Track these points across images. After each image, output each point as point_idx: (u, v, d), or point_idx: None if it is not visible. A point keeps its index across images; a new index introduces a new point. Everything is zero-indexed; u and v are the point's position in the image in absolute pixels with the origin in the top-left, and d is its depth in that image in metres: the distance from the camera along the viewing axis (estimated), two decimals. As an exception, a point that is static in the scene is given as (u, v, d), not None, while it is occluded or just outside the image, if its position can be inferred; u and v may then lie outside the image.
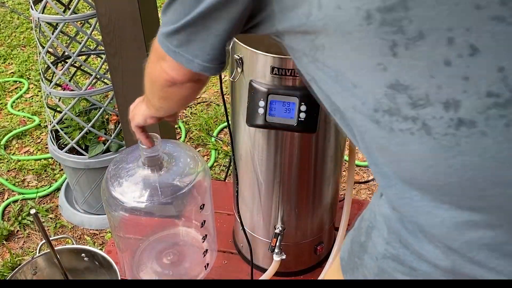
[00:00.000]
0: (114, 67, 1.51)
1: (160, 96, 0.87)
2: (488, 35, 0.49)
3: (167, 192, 1.24)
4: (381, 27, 0.52)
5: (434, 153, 0.54)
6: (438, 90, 0.52)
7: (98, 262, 1.33)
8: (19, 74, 3.15)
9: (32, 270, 1.30)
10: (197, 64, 0.70)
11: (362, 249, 0.74)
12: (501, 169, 0.52)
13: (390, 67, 0.53)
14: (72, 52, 1.75)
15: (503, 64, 0.49)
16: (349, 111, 0.62)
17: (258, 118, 1.13)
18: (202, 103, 2.87)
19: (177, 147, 1.37)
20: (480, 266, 0.58)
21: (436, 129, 0.53)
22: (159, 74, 0.79)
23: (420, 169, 0.57)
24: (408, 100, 0.53)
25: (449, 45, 0.50)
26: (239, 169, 1.37)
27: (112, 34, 1.43)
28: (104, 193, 1.27)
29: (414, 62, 0.52)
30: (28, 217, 2.10)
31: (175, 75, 0.75)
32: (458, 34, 0.49)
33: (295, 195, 1.35)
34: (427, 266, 0.63)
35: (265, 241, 1.45)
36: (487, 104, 0.50)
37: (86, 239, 2.02)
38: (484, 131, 0.51)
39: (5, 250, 1.97)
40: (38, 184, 2.30)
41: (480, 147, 0.51)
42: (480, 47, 0.49)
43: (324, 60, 0.60)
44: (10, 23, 3.82)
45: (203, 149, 2.52)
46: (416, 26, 0.51)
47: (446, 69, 0.51)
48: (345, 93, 0.60)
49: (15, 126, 2.67)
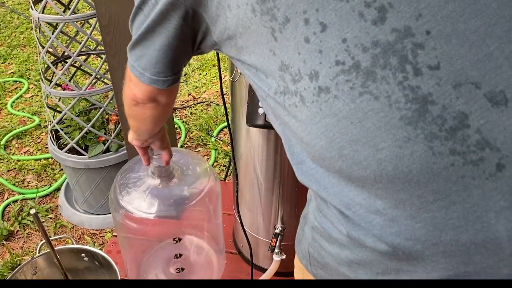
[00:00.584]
0: (114, 67, 1.51)
1: (129, 115, 0.95)
2: (332, 13, 0.56)
3: (177, 202, 1.23)
4: (262, 17, 0.60)
5: (309, 119, 0.61)
6: (304, 64, 0.59)
7: (98, 262, 1.33)
8: (19, 74, 3.15)
9: (32, 270, 1.30)
10: (147, 77, 0.77)
11: (304, 220, 0.81)
12: (351, 127, 0.58)
13: (276, 50, 0.61)
14: (72, 52, 1.75)
15: (346, 35, 0.56)
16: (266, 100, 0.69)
17: (258, 118, 1.13)
18: (202, 103, 2.87)
19: (185, 155, 1.35)
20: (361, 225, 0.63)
21: (307, 98, 0.60)
22: (127, 93, 0.86)
23: (306, 137, 0.63)
24: (290, 77, 0.61)
25: (306, 25, 0.58)
26: (239, 169, 1.37)
27: (112, 34, 1.43)
28: (112, 202, 1.25)
29: (287, 43, 0.60)
30: (28, 217, 2.10)
31: (137, 93, 0.81)
32: (311, 15, 0.57)
33: (295, 195, 1.35)
34: (336, 232, 0.67)
35: (265, 241, 1.45)
36: (336, 71, 0.57)
37: (86, 239, 2.02)
38: (336, 95, 0.58)
39: (5, 250, 1.97)
40: (38, 184, 2.30)
41: (335, 108, 0.58)
42: (328, 23, 0.56)
43: (245, 59, 0.67)
44: (10, 23, 3.82)
45: (203, 149, 2.52)
46: (282, 13, 0.59)
47: (307, 45, 0.58)
48: (261, 83, 0.67)
49: (15, 126, 2.67)
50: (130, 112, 0.94)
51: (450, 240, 0.58)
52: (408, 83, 0.55)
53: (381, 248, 0.62)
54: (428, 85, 0.54)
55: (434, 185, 0.57)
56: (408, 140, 0.56)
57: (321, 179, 0.66)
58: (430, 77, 0.54)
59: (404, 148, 0.56)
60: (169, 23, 0.70)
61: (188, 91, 2.97)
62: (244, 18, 0.63)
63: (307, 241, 0.77)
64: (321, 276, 0.77)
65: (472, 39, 0.53)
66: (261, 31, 0.62)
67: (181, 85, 3.03)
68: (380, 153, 0.57)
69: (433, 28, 0.54)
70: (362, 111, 0.57)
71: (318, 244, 0.73)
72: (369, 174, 0.59)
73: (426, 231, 0.59)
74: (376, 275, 0.66)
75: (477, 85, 0.53)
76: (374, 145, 0.57)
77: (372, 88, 0.56)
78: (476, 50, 0.53)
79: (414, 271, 0.63)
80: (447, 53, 0.54)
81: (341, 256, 0.69)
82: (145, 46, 0.74)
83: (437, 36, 0.54)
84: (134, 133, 1.05)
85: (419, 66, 0.54)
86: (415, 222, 0.59)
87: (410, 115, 0.55)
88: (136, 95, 0.82)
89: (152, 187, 1.23)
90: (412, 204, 0.58)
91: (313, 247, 0.75)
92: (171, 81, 0.78)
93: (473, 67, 0.53)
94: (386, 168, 0.58)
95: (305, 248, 0.79)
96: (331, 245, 0.70)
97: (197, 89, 3.00)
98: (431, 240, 0.59)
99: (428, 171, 0.56)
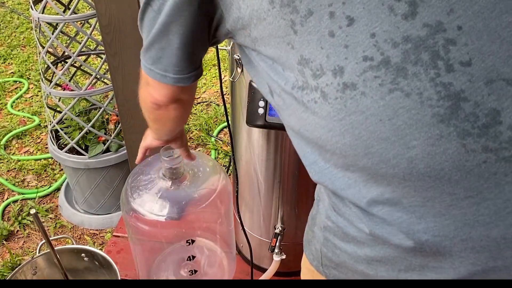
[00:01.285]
0: (114, 67, 1.51)
1: (151, 119, 0.93)
2: (360, 6, 0.54)
3: (188, 204, 1.22)
4: (281, 9, 0.58)
5: (331, 116, 0.60)
6: (327, 59, 0.57)
7: (98, 262, 1.33)
8: (19, 74, 3.15)
9: (32, 270, 1.30)
10: (170, 78, 0.74)
11: (313, 221, 0.79)
12: (380, 124, 0.57)
13: (295, 44, 0.59)
14: (72, 52, 1.75)
15: (375, 30, 0.54)
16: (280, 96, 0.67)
17: (258, 118, 1.13)
18: (202, 103, 2.87)
19: (196, 157, 1.35)
20: (386, 223, 0.62)
21: (330, 94, 0.59)
22: (146, 98, 0.83)
23: (326, 134, 0.62)
24: (310, 72, 0.59)
25: (331, 18, 0.56)
26: (239, 169, 1.37)
27: (112, 34, 1.43)
28: (124, 205, 1.25)
29: (309, 37, 0.58)
30: (28, 217, 2.10)
31: (158, 96, 0.79)
32: (337, 8, 0.55)
33: (295, 195, 1.35)
34: (355, 230, 0.67)
35: (265, 241, 1.45)
36: (363, 67, 0.56)
37: (86, 239, 2.02)
38: (363, 91, 0.56)
39: (5, 250, 1.97)
40: (38, 184, 2.30)
41: (362, 105, 0.57)
42: (355, 17, 0.55)
43: (261, 50, 0.65)
44: (10, 23, 3.82)
45: (203, 149, 2.52)
46: (305, 5, 0.57)
47: (331, 39, 0.56)
48: (277, 77, 0.65)
49: (15, 126, 2.67)
50: (152, 117, 0.91)
51: (479, 235, 0.58)
52: (440, 80, 0.54)
53: (407, 245, 0.62)
54: (460, 82, 0.53)
55: (465, 183, 0.56)
56: (440, 138, 0.55)
57: (336, 179, 0.65)
58: (462, 74, 0.53)
59: (436, 146, 0.55)
60: (184, 16, 0.67)
61: (188, 91, 2.97)
62: (259, 9, 0.61)
63: (318, 242, 0.76)
64: (334, 276, 0.76)
65: (503, 35, 0.52)
66: (278, 24, 0.60)
67: (181, 85, 3.03)
68: (411, 151, 0.56)
69: (464, 24, 0.53)
70: (392, 109, 0.56)
71: (332, 244, 0.73)
72: (397, 172, 0.58)
73: (455, 227, 0.59)
74: (399, 272, 0.66)
75: (508, 82, 0.53)
76: (404, 143, 0.57)
77: (403, 84, 0.55)
78: (507, 47, 0.53)
79: (440, 267, 0.63)
80: (479, 50, 0.53)
81: (359, 254, 0.68)
82: (162, 47, 0.70)
83: (468, 32, 0.53)
84: (156, 134, 1.03)
85: (451, 62, 0.53)
86: (444, 219, 0.59)
87: (442, 113, 0.54)
88: (157, 98, 0.79)
89: (164, 189, 1.22)
90: (442, 201, 0.58)
91: (327, 247, 0.74)
92: (195, 76, 0.76)
93: (504, 64, 0.53)
94: (417, 166, 0.57)
95: (316, 249, 0.78)
96: (347, 244, 0.69)
97: (197, 89, 3.00)
98: (460, 236, 0.59)
99: (460, 169, 0.56)
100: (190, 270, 1.41)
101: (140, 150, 1.14)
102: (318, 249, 0.77)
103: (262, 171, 1.31)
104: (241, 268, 1.55)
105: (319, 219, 0.75)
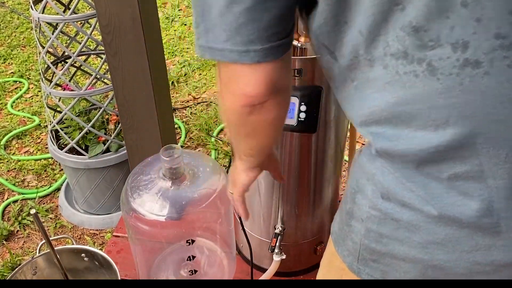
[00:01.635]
0: (114, 67, 1.51)
1: (245, 134, 0.75)
2: None
3: (189, 204, 1.22)
4: None
5: (436, 93, 0.56)
6: (450, 31, 0.52)
7: (98, 262, 1.33)
8: (19, 74, 3.15)
9: (32, 270, 1.30)
10: (255, 53, 0.57)
11: (348, 215, 0.75)
12: (500, 107, 0.54)
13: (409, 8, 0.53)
14: (72, 52, 1.75)
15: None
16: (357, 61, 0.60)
17: (258, 118, 1.12)
18: (202, 103, 2.87)
19: (196, 157, 1.34)
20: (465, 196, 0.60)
21: (441, 69, 0.54)
22: (232, 103, 0.66)
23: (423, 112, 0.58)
24: (419, 42, 0.54)
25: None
26: (239, 169, 1.37)
27: (112, 34, 1.43)
28: (124, 204, 1.25)
29: (431, 3, 0.52)
30: (28, 217, 2.10)
31: (248, 89, 0.62)
32: None
33: (295, 195, 1.35)
34: (409, 212, 0.64)
35: (265, 241, 1.45)
36: (493, 45, 0.51)
37: (86, 239, 2.02)
38: (487, 71, 0.52)
39: (5, 250, 1.97)
40: (38, 184, 2.30)
41: (483, 85, 0.53)
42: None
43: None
44: (10, 23, 3.82)
45: (203, 149, 2.52)
46: None
47: (462, 10, 0.51)
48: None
49: (15, 126, 2.67)
50: (244, 130, 0.73)
51: None
52: None
53: (483, 222, 0.60)
54: None
55: None
56: None
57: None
58: None
59: None
60: None
61: (188, 91, 2.97)
62: None
63: (358, 234, 0.73)
64: (370, 268, 0.74)
65: None
66: None
67: (181, 85, 3.03)
68: None
69: None
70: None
71: (377, 233, 0.70)
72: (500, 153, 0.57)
73: None
74: (460, 253, 0.64)
75: None
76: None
77: None
78: None
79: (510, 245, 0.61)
80: None
81: (413, 239, 0.66)
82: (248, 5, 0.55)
83: None
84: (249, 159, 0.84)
85: None
86: None
87: None
88: (250, 91, 0.62)
89: (164, 189, 1.22)
90: None
91: (369, 238, 0.72)
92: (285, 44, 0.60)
93: None
94: None
95: (355, 242, 0.74)
96: (397, 230, 0.67)
97: (197, 89, 3.00)
98: None
99: None
100: (190, 270, 1.41)
101: (239, 200, 0.97)
102: (357, 242, 0.74)
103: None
104: (241, 268, 1.55)
105: (358, 212, 0.72)
